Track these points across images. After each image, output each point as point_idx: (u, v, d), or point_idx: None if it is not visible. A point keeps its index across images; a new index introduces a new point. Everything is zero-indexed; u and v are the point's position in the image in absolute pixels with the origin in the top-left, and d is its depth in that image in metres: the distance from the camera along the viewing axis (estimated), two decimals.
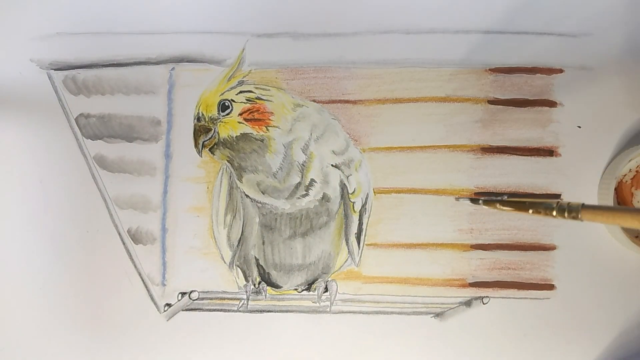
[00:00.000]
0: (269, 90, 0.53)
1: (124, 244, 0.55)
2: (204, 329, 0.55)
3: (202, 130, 0.52)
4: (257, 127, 0.52)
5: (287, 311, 0.55)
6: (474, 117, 0.54)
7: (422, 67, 0.54)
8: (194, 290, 0.54)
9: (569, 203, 0.42)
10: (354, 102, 0.55)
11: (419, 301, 0.54)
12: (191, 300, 0.54)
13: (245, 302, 0.55)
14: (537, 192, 0.54)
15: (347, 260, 0.54)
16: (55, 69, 0.56)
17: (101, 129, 0.55)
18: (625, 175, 0.53)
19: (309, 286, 0.55)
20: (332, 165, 0.53)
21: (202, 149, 0.53)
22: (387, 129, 0.54)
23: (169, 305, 0.55)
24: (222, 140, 0.52)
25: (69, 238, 0.55)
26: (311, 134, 0.53)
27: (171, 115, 0.55)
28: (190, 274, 0.55)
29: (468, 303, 0.54)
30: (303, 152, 0.53)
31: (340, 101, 0.55)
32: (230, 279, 0.55)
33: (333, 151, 0.53)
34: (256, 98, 0.53)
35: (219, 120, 0.52)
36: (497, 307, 0.54)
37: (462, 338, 0.54)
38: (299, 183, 0.53)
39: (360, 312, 0.54)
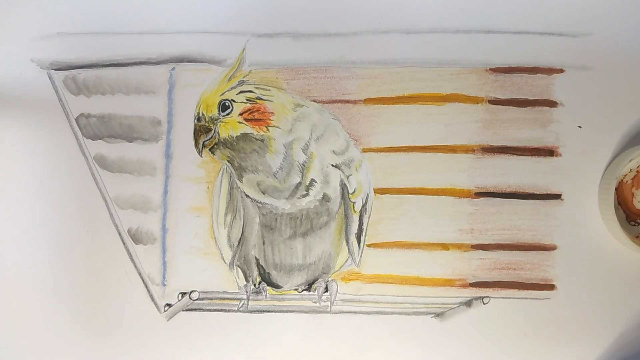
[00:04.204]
0: (269, 90, 0.53)
1: (124, 244, 0.55)
2: (204, 329, 0.55)
3: (202, 130, 0.52)
4: (257, 127, 0.52)
5: (287, 311, 0.55)
6: (474, 117, 0.54)
7: (423, 67, 0.54)
8: (194, 291, 0.54)
9: None
10: (354, 102, 0.55)
11: (419, 301, 0.54)
12: (191, 301, 0.54)
13: (246, 302, 0.55)
14: (538, 192, 0.54)
15: (347, 260, 0.54)
16: (55, 69, 0.56)
17: (101, 129, 0.55)
18: (625, 175, 0.53)
19: (309, 286, 0.55)
20: (332, 165, 0.53)
21: (202, 149, 0.52)
22: (388, 129, 0.54)
23: (169, 305, 0.55)
24: (222, 140, 0.52)
25: (69, 238, 0.55)
26: (311, 134, 0.53)
27: (171, 115, 0.55)
28: (190, 274, 0.55)
29: (468, 303, 0.54)
30: (303, 152, 0.53)
31: (340, 101, 0.55)
32: (230, 279, 0.55)
33: (333, 151, 0.53)
34: (256, 98, 0.53)
35: (219, 120, 0.52)
36: (498, 307, 0.54)
37: (463, 338, 0.54)
38: (299, 183, 0.53)
39: (360, 312, 0.54)
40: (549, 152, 0.54)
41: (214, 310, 0.55)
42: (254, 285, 0.55)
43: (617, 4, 0.54)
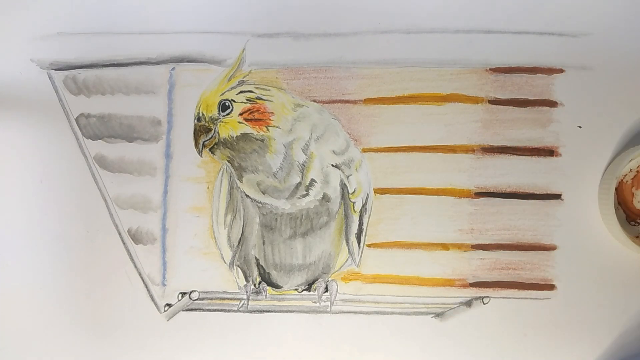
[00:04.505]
0: (269, 90, 0.53)
1: (124, 244, 0.55)
2: (204, 329, 0.55)
3: (202, 130, 0.52)
4: (257, 127, 0.52)
5: (287, 311, 0.55)
6: (474, 117, 0.54)
7: (423, 67, 0.54)
8: (194, 291, 0.54)
9: None
10: (354, 102, 0.55)
11: (419, 301, 0.54)
12: (191, 301, 0.54)
13: (246, 302, 0.55)
14: (538, 192, 0.54)
15: (347, 260, 0.54)
16: (55, 69, 0.56)
17: (101, 129, 0.55)
18: (625, 175, 0.53)
19: (309, 286, 0.55)
20: (332, 165, 0.53)
21: (202, 149, 0.52)
22: (388, 129, 0.54)
23: (169, 305, 0.55)
24: (222, 140, 0.52)
25: (69, 238, 0.55)
26: (311, 134, 0.53)
27: (171, 115, 0.55)
28: (190, 274, 0.55)
29: (468, 303, 0.54)
30: (303, 152, 0.53)
31: (340, 101, 0.55)
32: (230, 279, 0.55)
33: (333, 151, 0.53)
34: (256, 98, 0.53)
35: (219, 120, 0.52)
36: (498, 307, 0.54)
37: (463, 338, 0.54)
38: (299, 183, 0.53)
39: (360, 312, 0.54)
40: (549, 152, 0.54)
41: (214, 310, 0.55)
42: (254, 285, 0.55)
43: (617, 4, 0.54)
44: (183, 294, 0.54)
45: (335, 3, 0.55)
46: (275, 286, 0.55)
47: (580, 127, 0.54)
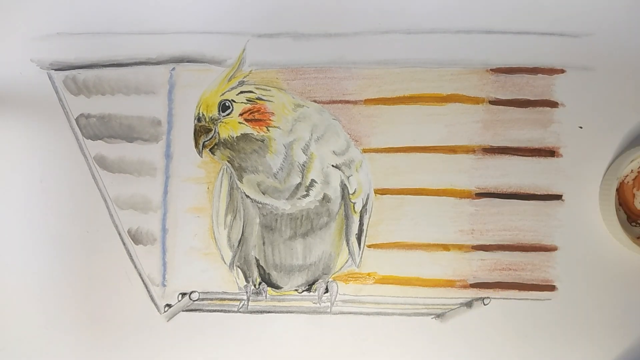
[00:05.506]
0: (269, 90, 0.53)
1: (124, 244, 0.55)
2: (204, 329, 0.55)
3: (202, 131, 0.52)
4: (257, 127, 0.52)
5: (287, 312, 0.55)
6: (475, 117, 0.54)
7: (423, 67, 0.54)
8: (194, 291, 0.54)
9: None
10: (355, 103, 0.55)
11: (419, 302, 0.54)
12: (191, 301, 0.54)
13: (246, 302, 0.55)
14: (538, 193, 0.54)
15: (347, 261, 0.54)
16: (55, 69, 0.55)
17: (101, 129, 0.55)
18: (627, 176, 0.53)
19: (310, 287, 0.55)
20: (332, 165, 0.53)
21: (202, 149, 0.52)
22: (388, 129, 0.54)
23: (169, 305, 0.55)
24: (222, 140, 0.52)
25: (69, 238, 0.55)
26: (312, 135, 0.53)
27: (171, 116, 0.55)
28: (190, 275, 0.55)
29: (469, 304, 0.54)
30: (304, 153, 0.53)
31: (340, 101, 0.55)
32: (230, 280, 0.55)
33: (334, 151, 0.53)
34: (257, 98, 0.52)
35: (219, 121, 0.52)
36: (498, 308, 0.54)
37: (463, 339, 0.54)
38: (300, 183, 0.52)
39: (360, 313, 0.54)
40: (550, 153, 0.54)
41: (214, 310, 0.55)
42: (254, 285, 0.55)
43: (619, 4, 0.54)
44: (183, 294, 0.54)
45: (336, 3, 0.55)
46: (276, 287, 0.55)
47: (581, 127, 0.54)
